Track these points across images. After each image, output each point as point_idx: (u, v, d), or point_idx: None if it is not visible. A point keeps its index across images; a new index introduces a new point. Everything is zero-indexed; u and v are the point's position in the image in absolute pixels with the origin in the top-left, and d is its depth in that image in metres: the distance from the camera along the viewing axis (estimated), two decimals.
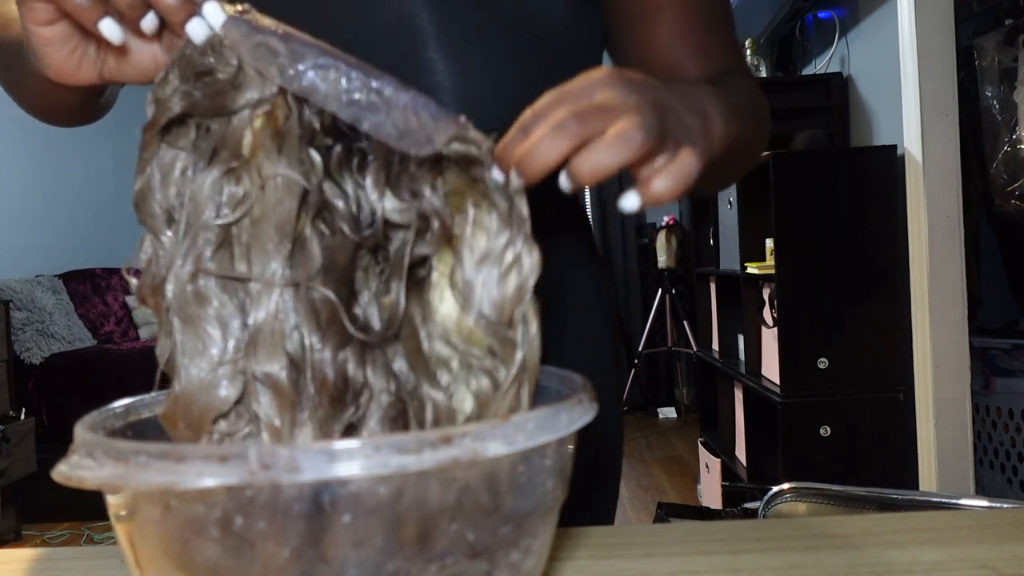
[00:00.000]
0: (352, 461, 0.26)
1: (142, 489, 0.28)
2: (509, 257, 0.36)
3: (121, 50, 0.42)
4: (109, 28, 0.38)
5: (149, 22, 0.38)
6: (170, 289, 0.34)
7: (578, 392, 0.35)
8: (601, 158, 0.37)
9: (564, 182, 0.38)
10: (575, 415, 0.32)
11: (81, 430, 0.32)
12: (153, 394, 0.40)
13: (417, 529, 0.29)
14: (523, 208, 0.37)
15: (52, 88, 0.47)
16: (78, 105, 0.55)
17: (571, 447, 0.35)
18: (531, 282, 0.37)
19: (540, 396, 0.42)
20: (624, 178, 5.18)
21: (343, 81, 0.35)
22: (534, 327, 0.37)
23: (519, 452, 0.29)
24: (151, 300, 0.36)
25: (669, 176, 0.39)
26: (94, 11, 0.37)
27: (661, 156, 0.40)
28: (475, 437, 0.28)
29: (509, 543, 0.32)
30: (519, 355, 0.36)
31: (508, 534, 0.31)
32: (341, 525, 0.28)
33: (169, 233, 0.35)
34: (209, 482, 0.25)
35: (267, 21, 0.36)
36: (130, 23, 0.39)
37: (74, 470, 0.28)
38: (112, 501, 0.31)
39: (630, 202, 0.40)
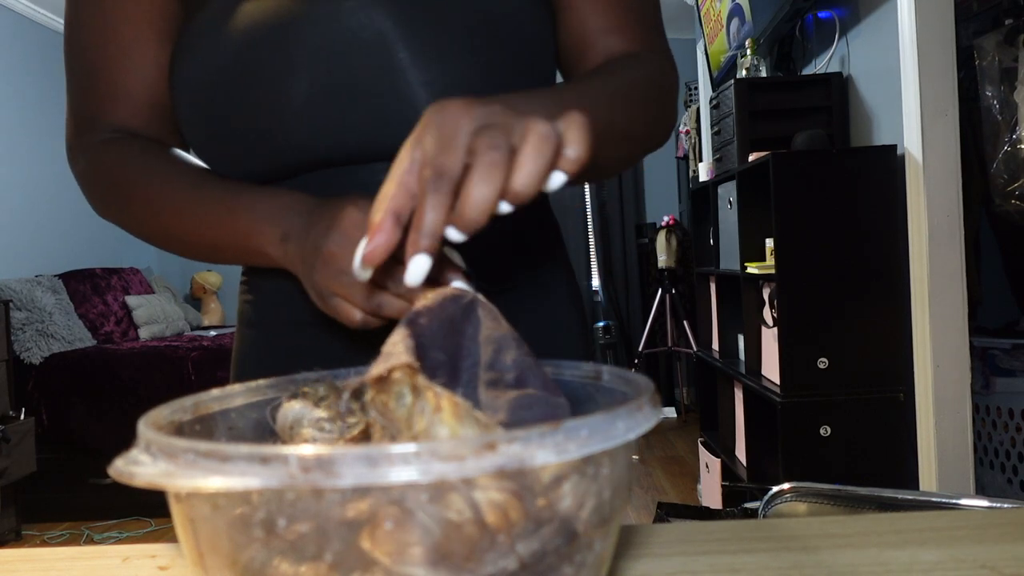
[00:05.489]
0: (392, 467, 0.25)
1: (190, 489, 0.27)
2: None
3: None
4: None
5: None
6: None
7: (639, 397, 0.32)
8: (480, 193, 0.37)
9: (454, 234, 0.38)
10: (634, 422, 0.30)
11: (144, 426, 0.31)
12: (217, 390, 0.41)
13: (462, 539, 0.28)
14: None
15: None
16: None
17: (634, 456, 0.33)
18: None
19: (601, 396, 0.41)
20: (624, 182, 5.16)
21: None
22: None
23: (572, 461, 0.28)
24: None
25: (573, 136, 0.38)
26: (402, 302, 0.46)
27: (543, 137, 0.38)
28: (522, 445, 0.26)
29: (562, 556, 0.30)
30: None
31: (560, 547, 0.30)
32: (383, 532, 0.27)
33: None
34: (252, 483, 0.25)
35: None
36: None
37: (128, 466, 0.28)
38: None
39: (556, 181, 0.39)
